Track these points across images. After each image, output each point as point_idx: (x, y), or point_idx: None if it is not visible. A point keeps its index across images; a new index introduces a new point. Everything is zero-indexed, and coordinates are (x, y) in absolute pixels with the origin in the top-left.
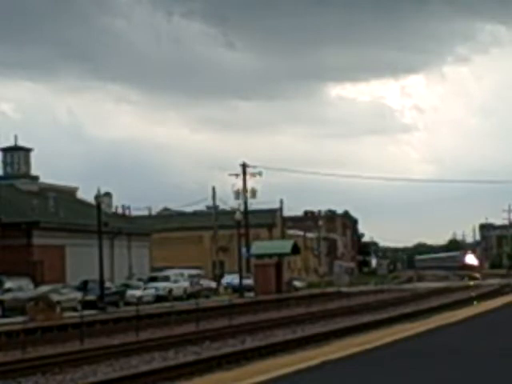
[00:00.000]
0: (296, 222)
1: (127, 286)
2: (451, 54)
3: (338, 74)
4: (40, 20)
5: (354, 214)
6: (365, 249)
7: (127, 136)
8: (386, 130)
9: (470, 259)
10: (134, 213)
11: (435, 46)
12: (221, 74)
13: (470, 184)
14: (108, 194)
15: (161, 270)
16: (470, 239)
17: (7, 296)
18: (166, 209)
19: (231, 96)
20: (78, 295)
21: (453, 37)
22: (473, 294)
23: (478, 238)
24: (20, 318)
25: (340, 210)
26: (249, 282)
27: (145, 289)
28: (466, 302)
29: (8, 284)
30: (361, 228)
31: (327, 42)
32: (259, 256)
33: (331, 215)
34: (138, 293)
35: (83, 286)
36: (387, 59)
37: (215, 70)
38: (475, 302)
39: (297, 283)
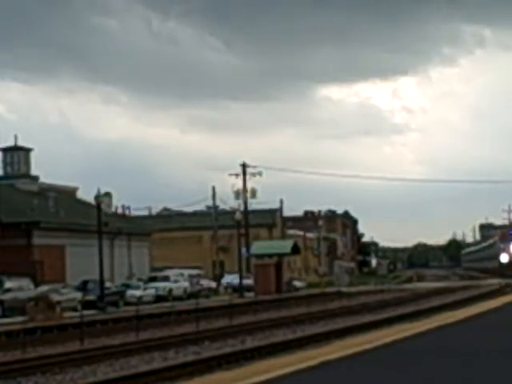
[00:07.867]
0: (296, 222)
1: (127, 286)
2: (440, 55)
3: (334, 76)
4: (35, 22)
5: (353, 214)
6: (365, 249)
7: (126, 136)
8: (382, 131)
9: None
10: (134, 213)
11: (431, 47)
12: (217, 75)
13: (469, 184)
14: (108, 194)
15: (161, 269)
16: (470, 239)
17: (7, 296)
18: (165, 209)
19: (229, 97)
20: (78, 295)
21: (445, 38)
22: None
23: (478, 237)
24: (20, 318)
25: (340, 210)
26: (249, 282)
27: (145, 289)
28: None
29: (8, 284)
30: (361, 228)
31: (326, 44)
32: (259, 256)
33: (331, 215)
34: (137, 293)
35: (83, 286)
36: (384, 61)
37: (212, 72)
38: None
39: (297, 283)
